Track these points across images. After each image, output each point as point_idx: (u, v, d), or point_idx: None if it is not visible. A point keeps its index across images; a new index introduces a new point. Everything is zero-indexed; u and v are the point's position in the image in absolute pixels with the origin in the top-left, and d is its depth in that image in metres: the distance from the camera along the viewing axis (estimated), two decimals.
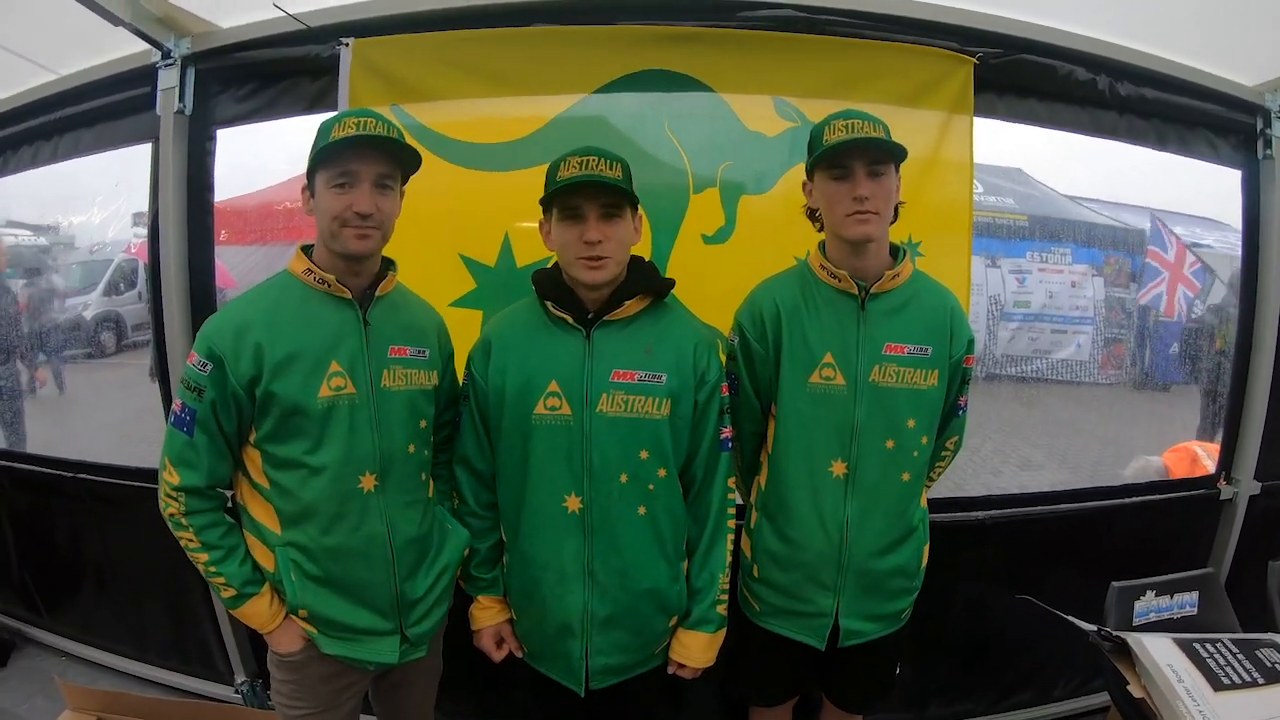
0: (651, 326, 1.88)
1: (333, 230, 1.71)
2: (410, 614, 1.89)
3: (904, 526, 2.00)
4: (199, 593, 3.03)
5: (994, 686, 3.10)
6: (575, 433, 1.82)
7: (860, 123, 1.81)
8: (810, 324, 1.94)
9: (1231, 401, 3.15)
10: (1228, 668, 2.09)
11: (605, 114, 2.55)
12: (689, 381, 1.87)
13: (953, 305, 2.01)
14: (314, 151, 1.72)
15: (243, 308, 1.77)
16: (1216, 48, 2.75)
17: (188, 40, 2.66)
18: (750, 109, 2.57)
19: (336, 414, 1.74)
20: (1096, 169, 8.73)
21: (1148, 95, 2.79)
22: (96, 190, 7.87)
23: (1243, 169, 3.03)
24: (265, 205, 7.84)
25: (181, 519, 1.74)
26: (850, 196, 1.82)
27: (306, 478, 1.74)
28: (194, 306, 2.79)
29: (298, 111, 2.70)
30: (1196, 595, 2.44)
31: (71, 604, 3.52)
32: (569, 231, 1.79)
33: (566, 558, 1.86)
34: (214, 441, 1.73)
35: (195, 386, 1.70)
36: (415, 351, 1.87)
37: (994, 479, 5.93)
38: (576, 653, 1.90)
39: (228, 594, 1.77)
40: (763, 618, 2.10)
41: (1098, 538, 2.99)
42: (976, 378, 2.22)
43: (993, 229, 9.17)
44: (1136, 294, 9.29)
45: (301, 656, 1.83)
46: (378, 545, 1.80)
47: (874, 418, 1.91)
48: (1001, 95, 2.73)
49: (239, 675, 3.10)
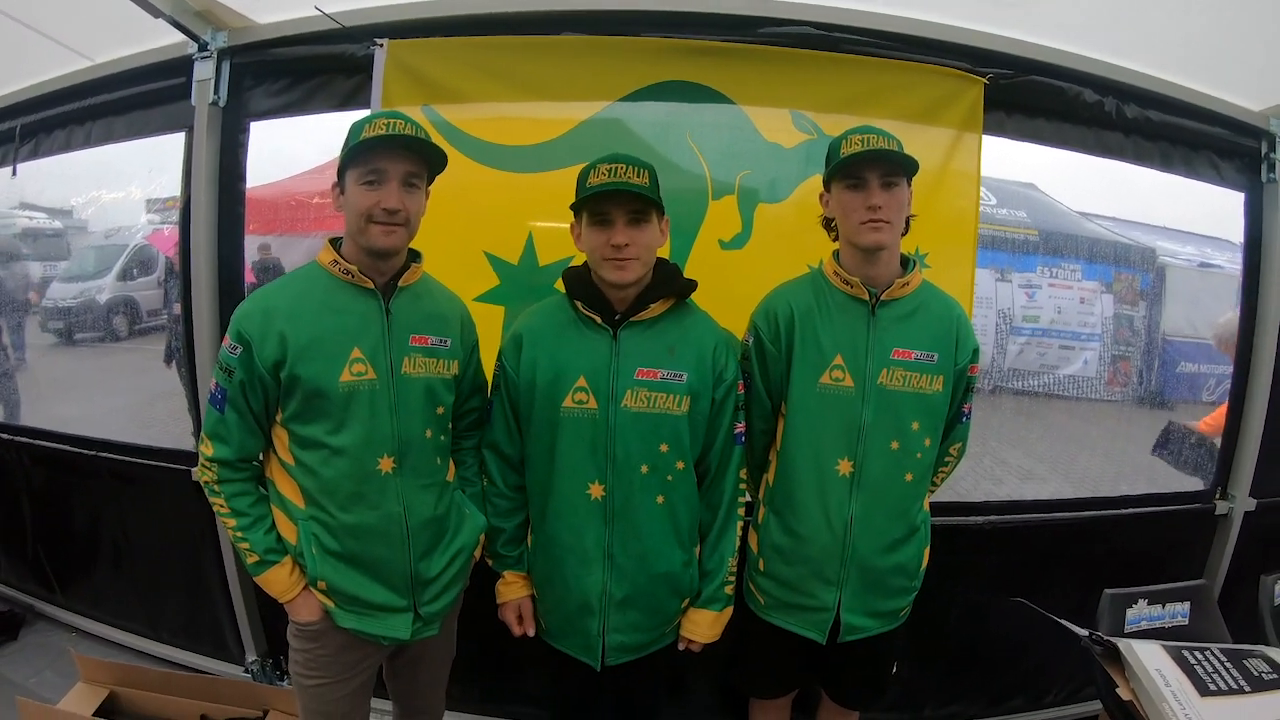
0: (674, 327, 1.97)
1: (360, 225, 1.79)
2: (424, 592, 1.96)
3: (906, 526, 2.07)
4: (212, 572, 3.10)
5: (988, 690, 3.15)
6: (600, 425, 1.91)
7: (875, 137, 1.90)
8: (822, 327, 2.01)
9: (1229, 419, 3.19)
10: (1215, 675, 2.12)
11: (628, 121, 2.63)
12: (708, 380, 1.96)
13: (959, 315, 2.08)
14: (345, 150, 1.80)
15: (271, 294, 1.86)
16: (1223, 72, 2.80)
17: (225, 34, 2.73)
18: (768, 121, 2.65)
19: (357, 398, 1.82)
20: (1109, 186, 8.71)
21: (1153, 117, 2.84)
22: (116, 176, 7.91)
23: (1246, 191, 3.08)
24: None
25: (215, 486, 1.86)
26: (865, 206, 1.91)
27: (328, 457, 1.82)
28: (222, 293, 2.86)
29: (330, 108, 2.77)
30: (1188, 606, 2.47)
31: (84, 580, 3.58)
32: (598, 235, 1.87)
33: (589, 542, 1.95)
34: (243, 419, 1.83)
35: (226, 367, 1.80)
36: (437, 340, 1.94)
37: (995, 488, 5.96)
38: (594, 629, 2.00)
39: (251, 559, 1.86)
40: (767, 611, 2.17)
41: (1094, 547, 3.03)
42: (984, 390, 2.27)
43: (1004, 242, 9.15)
44: (1145, 310, 9.29)
45: (319, 626, 1.91)
46: (394, 524, 1.88)
47: (880, 419, 1.99)
48: (1010, 114, 2.79)
49: (250, 654, 3.16)
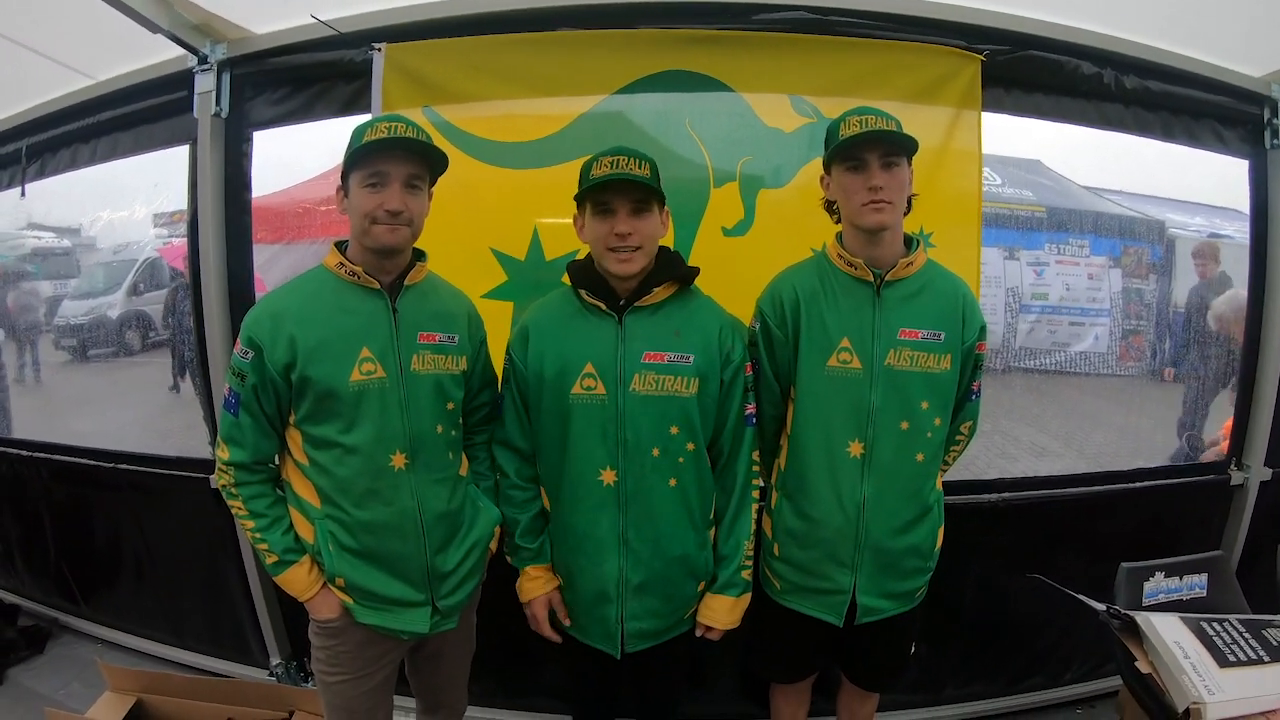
0: (679, 311, 1.98)
1: (364, 227, 1.82)
2: (441, 586, 1.99)
3: (919, 506, 2.07)
4: (234, 577, 3.13)
5: (1007, 669, 3.15)
6: (610, 411, 1.93)
7: (874, 118, 1.91)
8: (828, 310, 2.02)
9: (1241, 389, 3.18)
10: (1234, 645, 2.13)
11: (628, 112, 2.63)
12: (715, 361, 1.97)
13: (965, 293, 2.08)
14: (348, 154, 1.83)
15: (280, 298, 1.89)
16: (1222, 40, 2.79)
17: (224, 46, 2.75)
18: (768, 106, 2.65)
19: (368, 397, 1.84)
20: (1115, 160, 8.62)
21: (1153, 88, 2.83)
22: (120, 193, 7.98)
23: (1250, 159, 3.06)
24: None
25: (232, 489, 1.89)
26: (866, 187, 1.91)
27: (341, 456, 1.85)
28: (232, 302, 2.89)
29: (332, 114, 2.79)
30: (1206, 577, 2.46)
31: (108, 592, 3.63)
32: (601, 225, 1.89)
33: (603, 528, 1.97)
34: (257, 422, 1.86)
35: (239, 372, 1.83)
36: (445, 337, 1.96)
37: (1009, 465, 5.95)
38: (613, 616, 2.01)
39: (270, 560, 1.89)
40: (783, 595, 2.18)
41: (1110, 522, 3.03)
42: (995, 369, 2.27)
43: (1011, 220, 9.06)
44: (1154, 285, 9.21)
45: (339, 623, 1.94)
46: (409, 520, 1.91)
47: (889, 400, 1.99)
48: (1009, 90, 2.78)
49: (274, 658, 3.20)
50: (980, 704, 3.16)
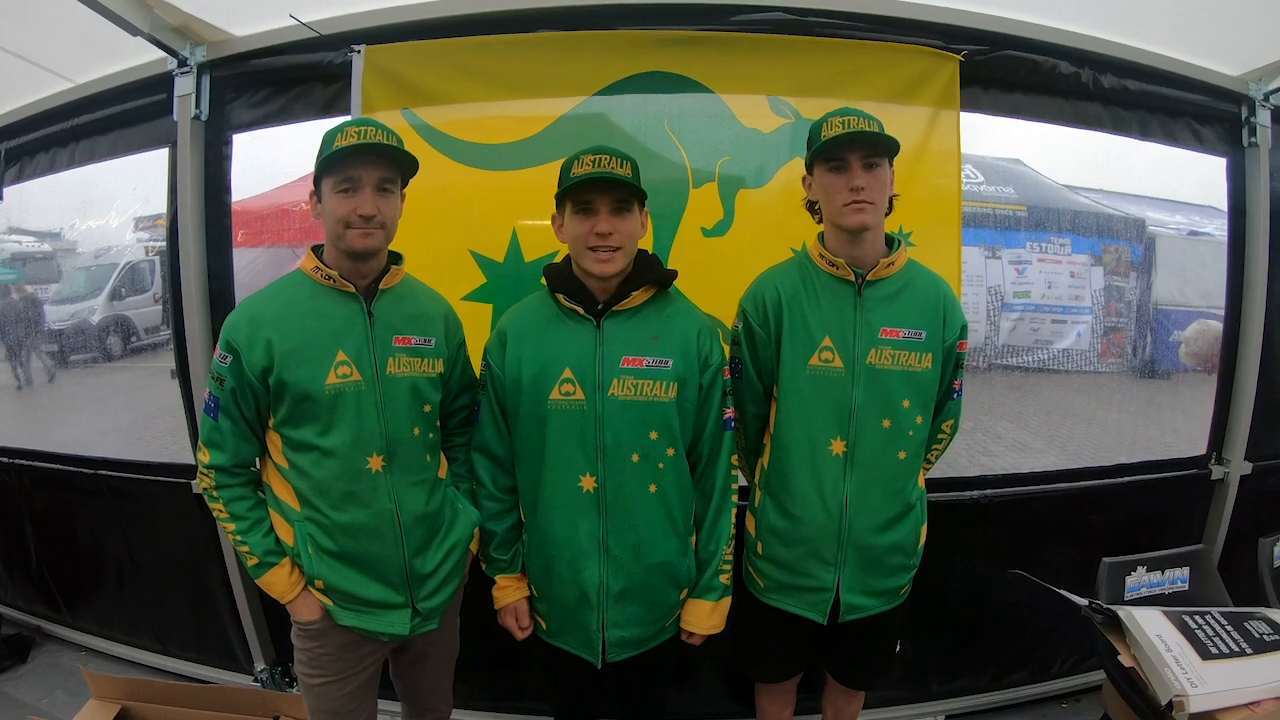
0: (657, 315, 1.98)
1: (339, 232, 1.83)
2: (421, 588, 1.99)
3: (902, 504, 2.08)
4: (217, 583, 3.11)
5: (993, 664, 3.17)
6: (589, 416, 1.92)
7: (856, 119, 1.92)
8: (810, 309, 2.03)
9: (1221, 384, 3.21)
10: (1216, 638, 2.15)
11: (607, 114, 2.63)
12: (693, 365, 1.96)
13: (945, 292, 2.09)
14: (319, 160, 1.83)
15: (257, 303, 1.90)
16: (1199, 38, 2.80)
17: (204, 48, 2.73)
18: (746, 107, 2.65)
19: (344, 400, 1.85)
20: (1095, 158, 8.67)
21: (1131, 86, 2.85)
22: (100, 197, 7.90)
23: (1228, 157, 3.09)
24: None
25: (214, 492, 1.90)
26: (847, 187, 1.92)
27: (319, 459, 1.86)
28: (213, 306, 2.86)
29: (312, 116, 2.78)
30: (1187, 571, 2.50)
31: (91, 599, 3.60)
32: (581, 224, 1.88)
33: (583, 534, 1.96)
34: (236, 425, 1.87)
35: (218, 376, 1.84)
36: (421, 340, 1.97)
37: (991, 461, 5.98)
38: (594, 624, 2.00)
39: (251, 562, 1.90)
40: (767, 594, 2.18)
41: (1092, 517, 3.05)
42: (978, 368, 2.28)
43: (992, 219, 9.10)
44: (1134, 282, 9.28)
45: (320, 625, 1.95)
46: (386, 522, 1.91)
47: (871, 398, 2.00)
48: (987, 90, 2.80)
49: (258, 663, 3.18)
50: (966, 700, 3.18)
